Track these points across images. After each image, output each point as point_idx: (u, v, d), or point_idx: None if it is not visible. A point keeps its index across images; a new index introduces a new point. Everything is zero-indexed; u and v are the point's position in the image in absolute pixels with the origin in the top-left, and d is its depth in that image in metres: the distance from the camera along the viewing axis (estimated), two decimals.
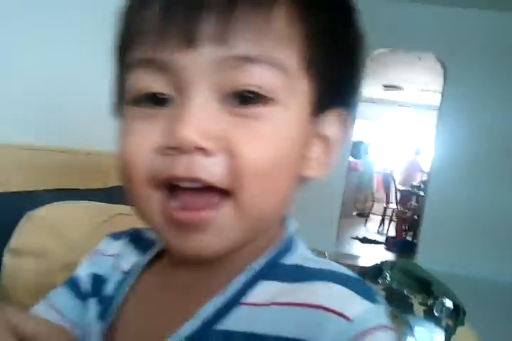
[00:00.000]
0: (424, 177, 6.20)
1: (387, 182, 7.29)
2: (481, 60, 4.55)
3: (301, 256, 0.40)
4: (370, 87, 7.64)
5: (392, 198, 7.14)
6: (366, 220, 7.44)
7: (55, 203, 0.64)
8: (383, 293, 1.10)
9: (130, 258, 0.45)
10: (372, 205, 7.72)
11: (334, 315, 0.33)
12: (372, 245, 5.71)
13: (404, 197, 6.67)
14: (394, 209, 6.62)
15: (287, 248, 0.40)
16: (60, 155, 0.81)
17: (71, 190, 0.75)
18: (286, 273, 0.38)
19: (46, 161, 0.76)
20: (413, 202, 6.33)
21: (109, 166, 0.94)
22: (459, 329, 1.01)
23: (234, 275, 0.38)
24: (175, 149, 0.33)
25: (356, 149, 7.91)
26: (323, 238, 4.11)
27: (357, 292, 0.35)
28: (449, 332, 1.01)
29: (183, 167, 0.34)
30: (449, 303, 1.06)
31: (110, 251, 0.47)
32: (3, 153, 0.69)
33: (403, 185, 7.18)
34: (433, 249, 4.67)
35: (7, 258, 0.63)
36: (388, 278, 1.14)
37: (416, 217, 5.54)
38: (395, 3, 4.59)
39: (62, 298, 0.46)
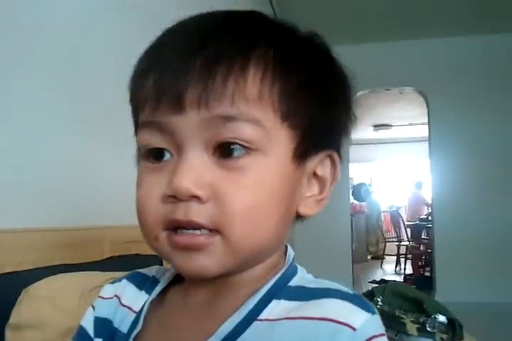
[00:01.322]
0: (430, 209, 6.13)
1: (395, 220, 7.22)
2: (459, 86, 4.63)
3: (303, 278, 0.45)
4: (360, 130, 7.76)
5: (403, 235, 7.03)
6: (382, 262, 7.27)
7: (48, 277, 0.69)
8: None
9: (134, 295, 0.50)
10: (385, 246, 7.57)
11: (341, 326, 0.38)
12: None
13: (415, 232, 6.58)
14: (407, 246, 6.49)
15: (292, 272, 0.46)
16: (58, 233, 0.88)
17: (67, 265, 0.81)
18: (294, 293, 0.43)
19: (45, 241, 0.83)
20: (424, 236, 6.22)
21: (104, 239, 0.98)
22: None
23: (246, 296, 0.43)
24: (174, 197, 0.40)
25: (358, 192, 7.90)
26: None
27: (358, 305, 0.40)
28: None
29: (181, 212, 0.40)
30: (442, 318, 1.02)
31: (109, 294, 0.52)
32: (4, 237, 0.76)
33: (411, 220, 7.10)
34: (450, 281, 4.53)
35: (9, 334, 0.67)
36: (380, 302, 1.12)
37: (429, 250, 5.41)
38: (364, 44, 4.75)
39: None
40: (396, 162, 9.38)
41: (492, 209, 4.50)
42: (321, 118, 0.45)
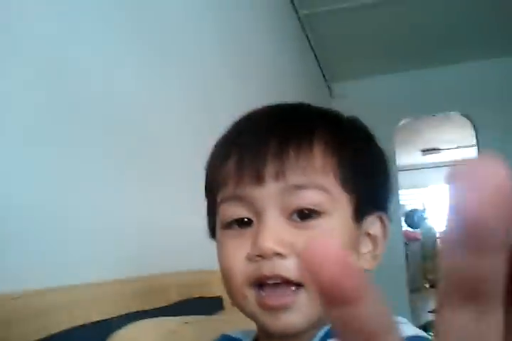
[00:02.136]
0: None
1: None
2: (503, 106, 4.58)
3: None
4: (408, 155, 7.69)
5: None
6: None
7: (130, 325, 0.78)
8: None
9: None
10: None
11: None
12: None
13: None
14: None
15: None
16: (128, 283, 0.97)
17: (142, 311, 0.91)
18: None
19: (119, 290, 0.93)
20: None
21: (170, 285, 1.09)
22: None
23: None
24: (260, 256, 0.47)
25: (411, 219, 7.76)
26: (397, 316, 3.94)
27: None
28: None
29: (268, 268, 0.47)
30: None
31: None
32: (83, 290, 0.84)
33: None
34: None
35: None
36: (431, 338, 1.15)
37: None
38: (404, 73, 4.80)
39: None
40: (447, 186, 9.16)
41: None
42: (370, 186, 0.53)
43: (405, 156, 7.38)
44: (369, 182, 0.53)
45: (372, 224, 0.54)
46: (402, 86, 4.83)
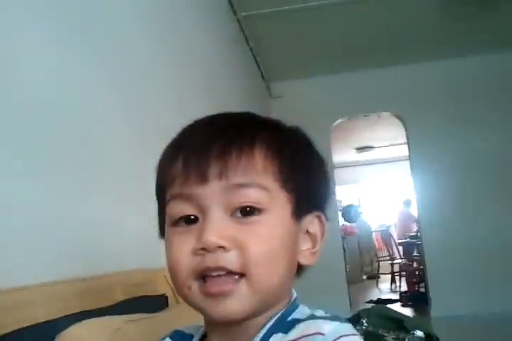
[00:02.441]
0: None
1: (386, 239, 7.32)
2: (433, 108, 4.86)
3: (299, 313, 0.55)
4: (344, 153, 7.94)
5: (396, 253, 7.12)
6: (377, 281, 7.33)
7: (77, 324, 0.80)
8: (362, 337, 1.18)
9: None
10: (379, 265, 7.65)
11: (315, 335, 0.48)
12: (388, 305, 5.60)
13: (406, 249, 6.67)
14: (400, 263, 6.57)
15: (291, 310, 0.56)
16: (70, 284, 0.98)
17: (88, 311, 0.93)
18: (288, 325, 0.52)
19: (61, 292, 0.94)
20: (415, 253, 6.32)
21: (115, 285, 1.10)
22: None
23: (251, 337, 0.53)
24: (204, 249, 0.50)
25: (348, 214, 8.01)
26: (336, 307, 4.07)
27: (329, 319, 0.51)
28: None
29: (211, 260, 0.50)
30: (419, 333, 1.12)
31: None
32: (30, 291, 0.85)
33: (402, 237, 7.19)
34: (444, 295, 4.62)
35: None
36: (365, 324, 1.21)
37: (422, 267, 5.50)
38: (339, 74, 4.96)
39: None
40: (382, 181, 9.55)
41: (476, 222, 4.65)
42: (308, 187, 0.57)
43: (341, 154, 7.61)
44: (308, 183, 0.57)
45: (311, 223, 0.58)
46: (338, 87, 5.00)
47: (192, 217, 0.53)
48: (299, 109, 4.45)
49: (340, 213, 6.79)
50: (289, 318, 0.54)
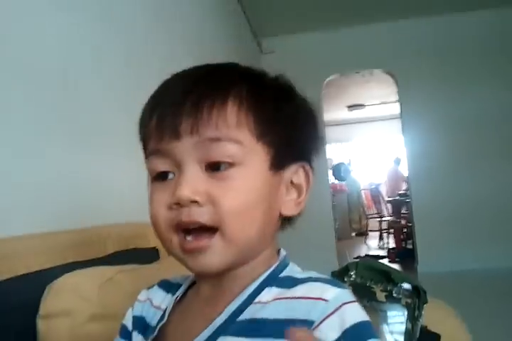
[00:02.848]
0: None
1: (375, 197, 7.40)
2: (425, 64, 4.80)
3: (292, 271, 0.56)
4: (335, 110, 7.89)
5: (384, 211, 7.23)
6: (365, 238, 7.48)
7: (67, 273, 0.81)
8: (350, 288, 1.21)
9: (162, 297, 0.62)
10: (367, 222, 7.78)
11: (317, 300, 0.49)
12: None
13: (395, 207, 6.77)
14: (388, 221, 6.69)
15: (283, 266, 0.56)
16: (67, 235, 1.00)
17: (79, 262, 0.94)
18: (283, 281, 0.54)
19: (58, 242, 0.95)
20: (404, 211, 6.41)
21: (106, 237, 1.10)
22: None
23: (242, 287, 0.54)
24: (178, 204, 0.51)
25: (338, 172, 8.05)
26: (324, 263, 4.16)
27: (330, 284, 0.51)
28: (410, 308, 1.10)
29: (185, 215, 0.51)
30: (407, 286, 1.14)
31: (144, 298, 0.64)
32: (22, 242, 0.87)
33: (391, 195, 7.28)
34: (431, 252, 4.73)
35: (40, 324, 0.77)
36: (354, 276, 1.24)
37: (410, 224, 5.60)
38: (332, 30, 4.85)
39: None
40: (372, 140, 9.56)
41: (465, 181, 4.70)
42: (290, 139, 0.56)
43: (332, 112, 7.57)
44: (289, 135, 0.56)
45: (295, 174, 0.57)
46: (330, 42, 4.90)
47: (168, 173, 0.54)
48: (290, 65, 4.28)
49: (330, 171, 6.82)
50: (282, 275, 0.55)
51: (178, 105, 0.52)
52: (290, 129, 0.56)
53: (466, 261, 4.49)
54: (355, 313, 0.49)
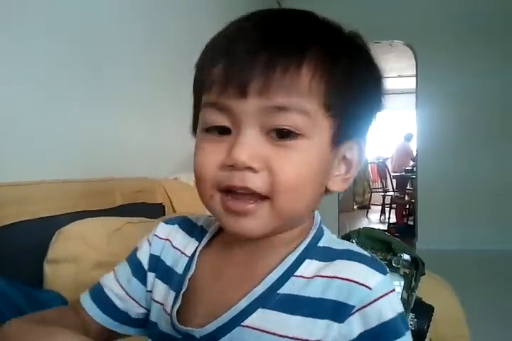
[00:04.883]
0: None
1: (382, 171, 7.39)
2: (446, 40, 4.69)
3: (329, 239, 0.55)
4: None
5: (389, 186, 7.23)
6: (367, 211, 7.51)
7: (77, 221, 0.83)
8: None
9: (186, 241, 0.59)
10: (371, 196, 7.79)
11: (360, 286, 0.48)
12: None
13: (400, 182, 6.76)
14: (392, 196, 6.70)
15: (320, 234, 0.55)
16: (79, 184, 1.02)
17: (87, 211, 0.96)
18: (323, 254, 0.52)
19: (70, 190, 0.97)
20: (409, 187, 6.41)
21: (116, 189, 1.11)
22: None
23: (283, 254, 0.52)
24: (232, 166, 0.48)
25: None
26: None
27: (374, 268, 0.50)
28: (407, 279, 1.12)
29: (238, 179, 0.48)
30: (406, 257, 1.15)
31: (163, 235, 0.61)
32: (33, 187, 0.88)
33: (397, 171, 7.26)
34: (431, 229, 4.76)
35: (47, 268, 0.79)
36: (355, 244, 1.25)
37: (413, 200, 5.61)
38: None
39: (124, 274, 0.60)
40: (384, 113, 9.40)
41: (473, 162, 4.68)
42: (358, 110, 0.52)
43: None
44: (357, 108, 0.52)
45: (350, 149, 0.54)
46: (351, 9, 4.76)
47: (225, 127, 0.50)
48: None
49: None
50: (320, 244, 0.54)
51: (248, 60, 0.47)
52: (359, 100, 0.52)
53: (465, 240, 4.52)
54: (393, 305, 0.49)
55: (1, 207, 0.74)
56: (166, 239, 0.60)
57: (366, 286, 0.48)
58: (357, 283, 0.48)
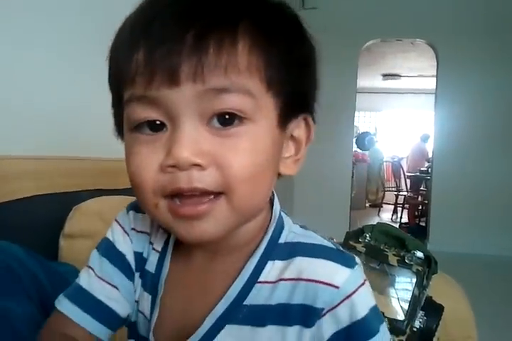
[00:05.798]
0: None
1: (396, 171, 7.34)
2: (469, 40, 4.61)
3: (291, 232, 0.50)
4: (369, 78, 7.71)
5: (403, 185, 7.18)
6: (379, 210, 7.47)
7: (95, 198, 0.82)
8: (363, 249, 1.22)
9: (159, 236, 0.54)
10: (384, 195, 7.74)
11: (326, 286, 0.45)
12: None
13: (414, 182, 6.71)
14: (405, 196, 6.65)
15: (280, 226, 0.50)
16: (100, 162, 1.00)
17: (105, 190, 0.95)
18: (285, 251, 0.48)
19: (91, 168, 0.97)
20: (423, 188, 6.36)
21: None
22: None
23: (243, 256, 0.48)
24: (175, 167, 0.41)
25: (362, 141, 7.96)
26: (336, 231, 4.17)
27: (339, 262, 0.46)
28: (419, 276, 1.11)
29: (184, 181, 0.42)
30: (419, 254, 1.15)
31: (141, 228, 0.55)
32: (48, 162, 0.87)
33: (412, 171, 7.21)
34: (443, 231, 4.72)
35: (63, 242, 0.79)
36: (368, 238, 1.25)
37: (426, 201, 5.57)
38: None
39: (112, 273, 0.54)
40: (402, 113, 9.38)
41: (490, 166, 4.61)
42: (299, 85, 0.47)
43: (366, 79, 7.40)
44: (298, 82, 0.47)
45: (297, 127, 0.49)
46: (375, 5, 4.71)
47: (158, 123, 0.43)
48: (331, 24, 4.23)
49: (354, 139, 6.74)
50: (281, 240, 0.49)
51: (174, 41, 0.40)
52: (299, 74, 0.47)
53: (477, 244, 4.47)
54: (365, 301, 0.46)
55: (19, 180, 0.74)
56: (146, 233, 0.55)
57: (333, 285, 0.45)
58: (322, 283, 0.45)
